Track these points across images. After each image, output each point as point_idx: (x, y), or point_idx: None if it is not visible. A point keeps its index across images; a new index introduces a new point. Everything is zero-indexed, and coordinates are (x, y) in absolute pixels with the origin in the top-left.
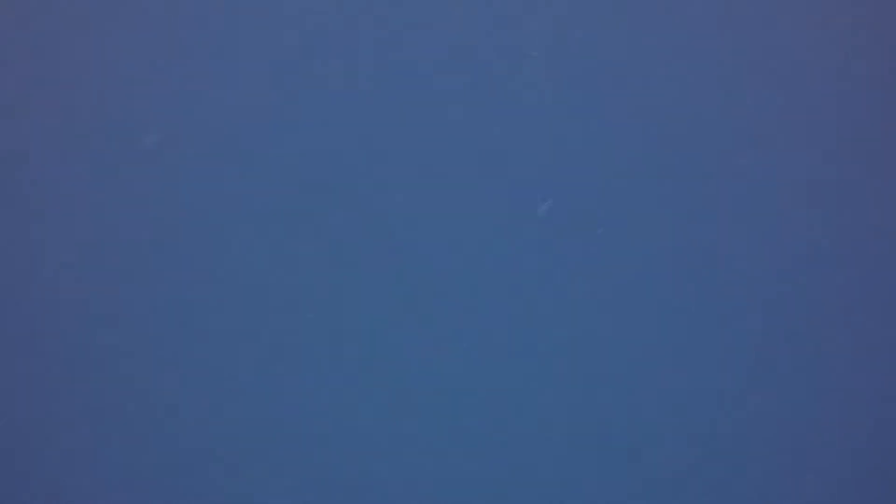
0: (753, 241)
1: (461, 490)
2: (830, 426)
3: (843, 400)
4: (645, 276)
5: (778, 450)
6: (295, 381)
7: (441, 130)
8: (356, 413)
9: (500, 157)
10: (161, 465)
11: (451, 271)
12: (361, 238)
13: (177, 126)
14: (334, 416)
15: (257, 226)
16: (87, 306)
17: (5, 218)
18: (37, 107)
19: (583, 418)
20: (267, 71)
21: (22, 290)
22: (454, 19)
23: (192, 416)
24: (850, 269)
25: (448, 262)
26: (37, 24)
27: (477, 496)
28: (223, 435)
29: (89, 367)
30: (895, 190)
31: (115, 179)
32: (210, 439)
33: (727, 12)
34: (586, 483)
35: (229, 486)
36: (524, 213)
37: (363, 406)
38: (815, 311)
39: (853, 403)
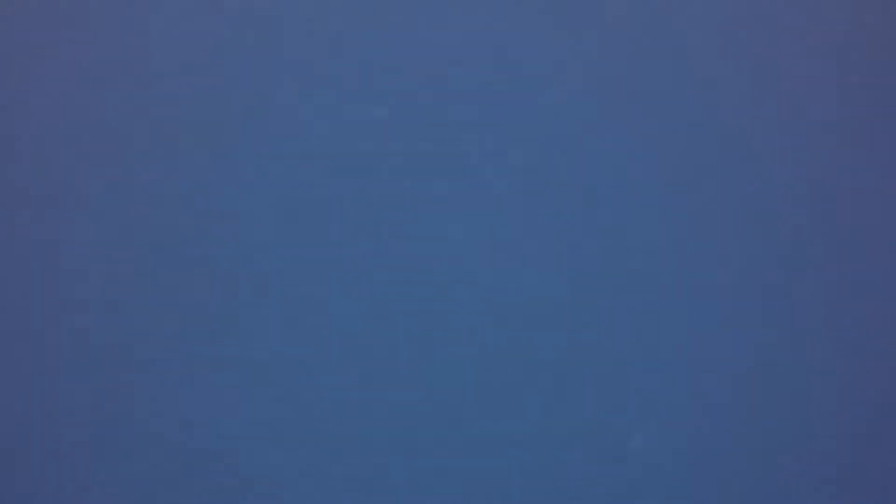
0: (753, 245)
1: (460, 489)
2: (830, 427)
3: (843, 400)
4: (644, 278)
5: (776, 451)
6: (293, 382)
7: (437, 132)
8: (356, 412)
9: (494, 158)
10: (158, 465)
11: (449, 273)
12: (358, 239)
13: (173, 126)
14: (334, 415)
15: (255, 227)
16: (86, 307)
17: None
18: (39, 108)
19: (581, 418)
20: (271, 72)
21: (21, 291)
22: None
23: (189, 416)
24: (849, 270)
25: (446, 263)
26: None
27: (475, 495)
28: (222, 434)
29: (90, 367)
30: (893, 190)
31: (115, 180)
32: (209, 439)
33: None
34: (586, 482)
35: (229, 484)
36: (525, 213)
37: (363, 405)
38: (814, 312)
39: (853, 404)
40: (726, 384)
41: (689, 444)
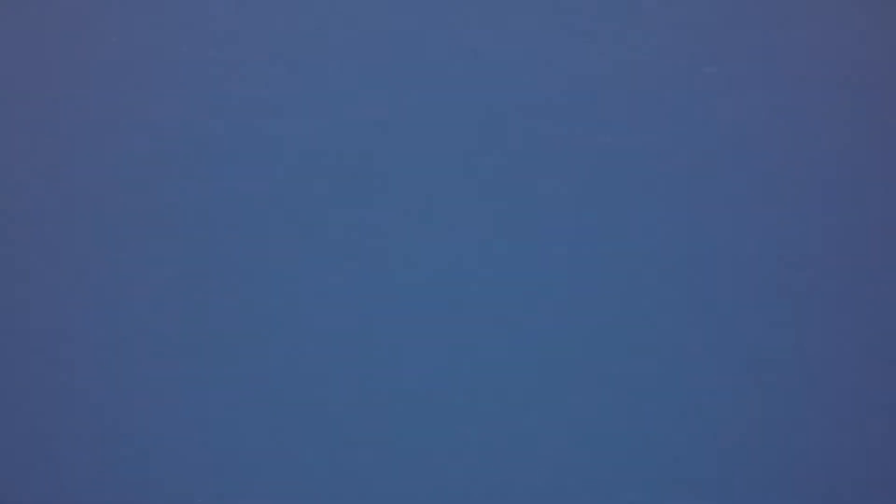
0: (752, 244)
1: (458, 491)
2: (830, 429)
3: (843, 402)
4: (645, 279)
5: (776, 451)
6: (293, 384)
7: (436, 132)
8: (357, 414)
9: (495, 154)
10: (156, 465)
11: (448, 274)
12: (357, 240)
13: (172, 125)
14: (336, 417)
15: (253, 227)
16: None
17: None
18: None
19: (581, 421)
20: (273, 73)
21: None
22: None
23: (188, 417)
24: (846, 271)
25: (445, 264)
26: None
27: (473, 497)
28: (221, 436)
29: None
30: (892, 191)
31: (111, 184)
32: (208, 441)
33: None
34: (585, 484)
35: (229, 486)
36: (526, 214)
37: (364, 407)
38: (813, 313)
39: (853, 406)
40: (734, 383)
41: (695, 444)
